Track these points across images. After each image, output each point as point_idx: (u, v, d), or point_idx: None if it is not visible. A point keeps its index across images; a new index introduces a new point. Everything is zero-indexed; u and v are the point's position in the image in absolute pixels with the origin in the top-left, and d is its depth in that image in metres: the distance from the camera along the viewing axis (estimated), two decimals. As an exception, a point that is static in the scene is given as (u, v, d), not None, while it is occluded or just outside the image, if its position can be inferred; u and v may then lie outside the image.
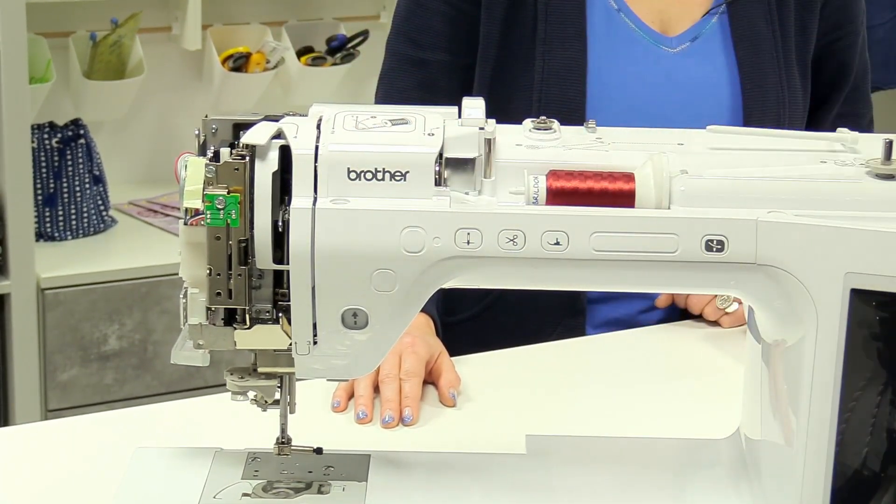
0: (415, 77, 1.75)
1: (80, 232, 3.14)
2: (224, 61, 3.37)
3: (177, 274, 1.09)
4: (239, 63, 3.38)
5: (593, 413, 1.47)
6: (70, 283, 2.95)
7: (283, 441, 1.17)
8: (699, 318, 1.74)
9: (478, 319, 1.79)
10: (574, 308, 1.74)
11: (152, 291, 3.03)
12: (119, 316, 3.01)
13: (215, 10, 3.40)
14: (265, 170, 1.05)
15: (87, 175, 3.15)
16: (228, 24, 3.44)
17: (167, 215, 3.26)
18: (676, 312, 1.78)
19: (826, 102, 1.84)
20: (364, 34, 3.49)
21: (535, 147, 1.10)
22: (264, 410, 1.16)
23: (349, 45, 3.48)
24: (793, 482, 1.09)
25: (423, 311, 1.15)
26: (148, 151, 3.48)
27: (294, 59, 3.42)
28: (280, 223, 1.06)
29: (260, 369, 1.12)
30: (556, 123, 1.12)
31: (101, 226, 3.19)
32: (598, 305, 1.77)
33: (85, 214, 3.14)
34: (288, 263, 1.06)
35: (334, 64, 3.48)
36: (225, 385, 1.15)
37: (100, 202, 3.18)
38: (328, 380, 1.14)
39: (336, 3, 3.58)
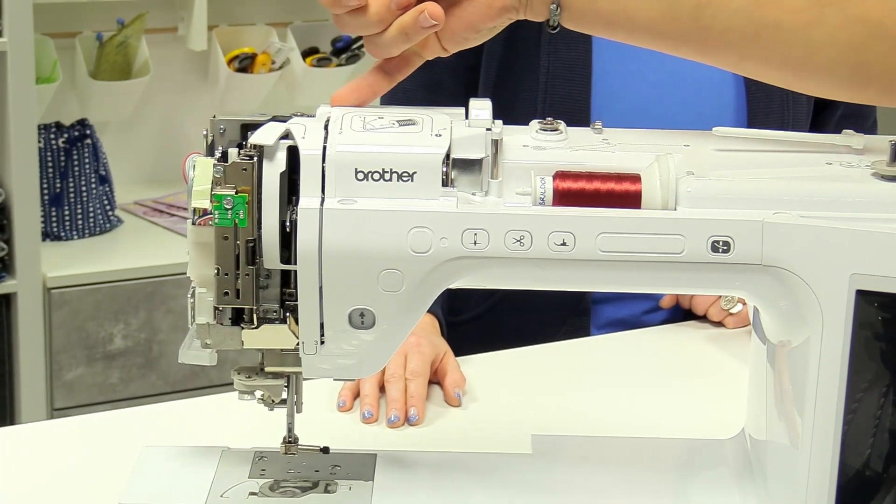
0: (419, 77, 1.73)
1: (86, 231, 3.15)
2: (230, 62, 3.37)
3: (182, 273, 1.10)
4: (244, 64, 3.38)
5: (598, 413, 1.47)
6: (76, 283, 2.96)
7: (290, 440, 1.17)
8: (703, 318, 1.75)
9: (482, 320, 1.79)
10: (578, 308, 1.74)
11: (157, 291, 3.03)
12: (124, 315, 3.02)
13: (221, 11, 3.40)
14: (273, 170, 1.05)
15: (93, 175, 3.15)
16: (234, 25, 3.45)
17: (172, 215, 3.26)
18: (680, 313, 1.78)
19: (830, 104, 1.84)
20: (369, 35, 3.49)
21: (542, 148, 1.10)
22: (271, 410, 1.16)
23: (354, 45, 3.48)
24: (797, 483, 1.09)
25: (428, 311, 1.16)
26: (153, 151, 3.48)
27: (299, 59, 3.43)
28: (288, 223, 1.06)
29: (267, 369, 1.12)
30: (562, 124, 1.12)
31: (107, 225, 3.19)
32: (602, 306, 1.77)
33: (91, 214, 3.15)
34: (295, 263, 1.06)
35: (339, 65, 3.48)
36: (230, 384, 1.15)
37: (106, 202, 3.19)
38: (335, 379, 1.15)
39: (341, 3, 3.58)
